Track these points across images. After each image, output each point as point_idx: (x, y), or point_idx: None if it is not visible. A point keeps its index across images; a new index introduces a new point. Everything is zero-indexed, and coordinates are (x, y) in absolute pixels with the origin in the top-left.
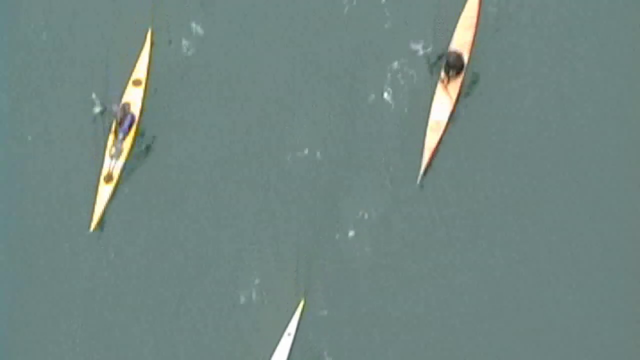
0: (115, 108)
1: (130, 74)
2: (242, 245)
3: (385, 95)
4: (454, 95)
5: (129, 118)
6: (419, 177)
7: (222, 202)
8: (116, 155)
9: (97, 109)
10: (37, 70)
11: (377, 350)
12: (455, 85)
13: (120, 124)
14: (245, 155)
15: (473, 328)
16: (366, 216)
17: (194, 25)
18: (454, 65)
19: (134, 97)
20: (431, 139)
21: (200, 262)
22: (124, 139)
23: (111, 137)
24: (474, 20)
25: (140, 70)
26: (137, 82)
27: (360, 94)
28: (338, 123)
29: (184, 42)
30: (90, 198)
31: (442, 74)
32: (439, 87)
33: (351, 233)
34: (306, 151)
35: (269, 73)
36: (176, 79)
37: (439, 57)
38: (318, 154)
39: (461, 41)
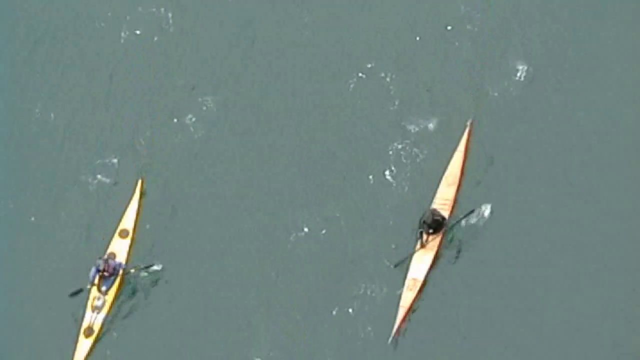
0: (100, 260)
1: (118, 225)
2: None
3: (387, 174)
4: (433, 254)
5: (113, 270)
6: (391, 337)
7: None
8: (98, 309)
9: (78, 292)
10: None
11: None
12: (434, 244)
13: (103, 276)
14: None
15: None
16: (368, 292)
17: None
18: (432, 224)
19: (119, 247)
20: (406, 298)
21: None
22: (107, 291)
23: (94, 289)
24: (457, 177)
25: (128, 221)
26: (124, 233)
27: (361, 174)
28: (340, 206)
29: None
30: (68, 352)
31: (422, 231)
32: (419, 245)
33: (350, 310)
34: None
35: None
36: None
37: (420, 220)
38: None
39: (443, 198)
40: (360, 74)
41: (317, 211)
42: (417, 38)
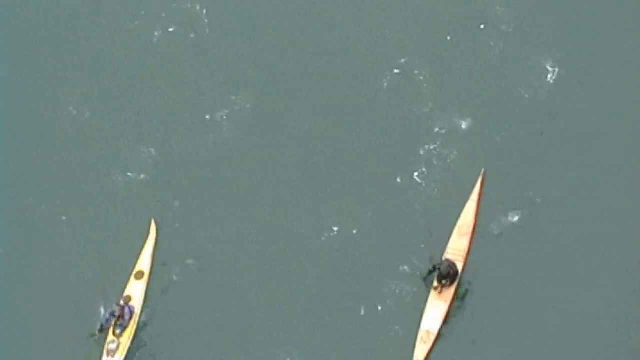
0: (110, 310)
1: (133, 267)
2: None
3: (416, 175)
4: (446, 306)
5: (128, 313)
6: None
7: None
8: (112, 352)
9: (96, 334)
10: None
11: None
12: (448, 295)
13: (119, 319)
14: None
15: None
16: (397, 291)
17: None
18: (447, 275)
19: (135, 290)
20: (420, 351)
21: None
22: (122, 334)
23: (109, 332)
24: (471, 227)
25: (144, 263)
26: (139, 275)
27: (391, 175)
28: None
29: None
30: None
31: (435, 283)
32: (432, 296)
33: (379, 307)
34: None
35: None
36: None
37: (433, 267)
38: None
39: (456, 249)
40: (395, 70)
41: (347, 211)
42: (449, 37)
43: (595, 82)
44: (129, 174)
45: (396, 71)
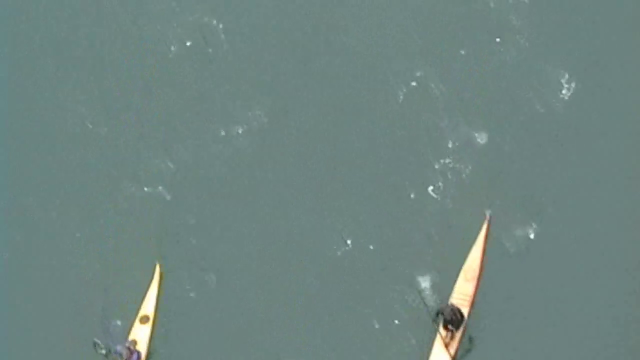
0: (121, 347)
1: (138, 310)
2: None
3: (431, 189)
4: (452, 352)
5: (134, 357)
6: None
7: None
8: None
9: (102, 350)
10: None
11: None
12: (454, 341)
13: None
14: None
15: None
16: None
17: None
18: (451, 321)
19: (140, 334)
20: None
21: None
22: None
23: None
24: (477, 272)
25: (148, 307)
26: (144, 319)
27: (405, 189)
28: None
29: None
30: None
31: (441, 328)
32: (437, 343)
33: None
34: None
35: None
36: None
37: (438, 312)
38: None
39: (462, 293)
40: (412, 83)
41: (363, 225)
42: (462, 52)
43: (613, 96)
44: (145, 188)
45: (413, 84)
